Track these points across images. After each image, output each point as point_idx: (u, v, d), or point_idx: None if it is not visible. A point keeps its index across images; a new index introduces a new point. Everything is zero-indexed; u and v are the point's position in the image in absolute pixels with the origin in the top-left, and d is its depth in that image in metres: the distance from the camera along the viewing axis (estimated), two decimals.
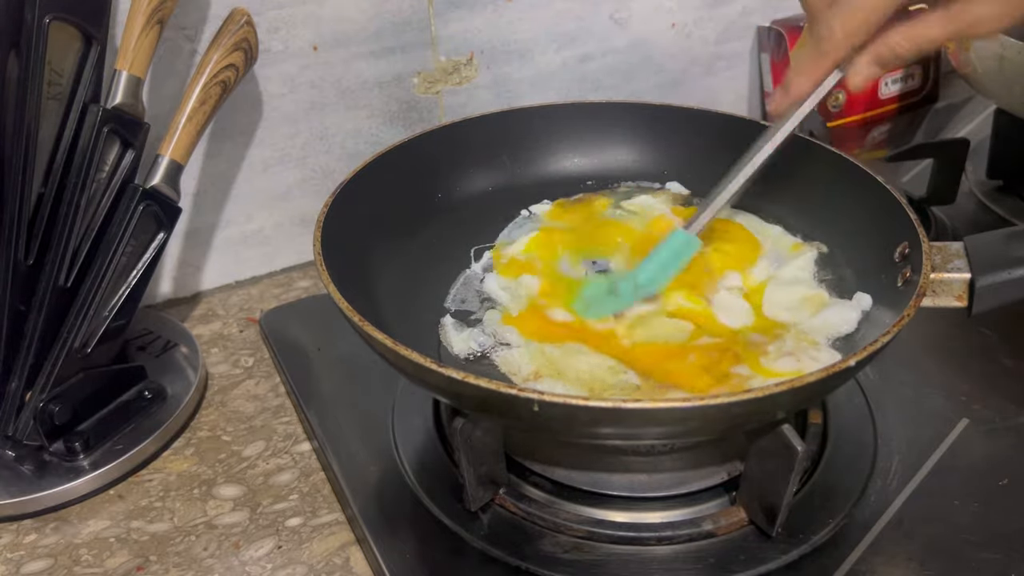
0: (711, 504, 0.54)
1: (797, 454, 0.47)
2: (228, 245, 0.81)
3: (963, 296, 0.53)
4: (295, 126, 0.79)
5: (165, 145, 0.64)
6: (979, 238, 0.54)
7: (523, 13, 0.85)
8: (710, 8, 0.95)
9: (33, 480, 0.60)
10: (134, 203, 0.62)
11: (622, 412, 0.43)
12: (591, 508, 0.54)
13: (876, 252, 0.58)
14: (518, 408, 0.44)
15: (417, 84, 0.83)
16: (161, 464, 0.63)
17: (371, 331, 0.48)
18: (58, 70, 0.60)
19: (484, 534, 0.53)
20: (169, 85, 0.72)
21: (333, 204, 0.59)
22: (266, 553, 0.56)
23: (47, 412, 0.59)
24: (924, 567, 0.51)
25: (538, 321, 0.60)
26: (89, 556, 0.56)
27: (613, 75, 0.92)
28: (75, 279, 0.61)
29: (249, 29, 0.67)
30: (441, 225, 0.68)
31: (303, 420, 0.65)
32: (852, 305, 0.58)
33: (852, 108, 1.01)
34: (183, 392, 0.67)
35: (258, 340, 0.75)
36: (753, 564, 0.51)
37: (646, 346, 0.57)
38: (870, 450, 0.58)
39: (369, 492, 0.57)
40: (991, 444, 0.59)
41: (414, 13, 0.80)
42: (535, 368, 0.56)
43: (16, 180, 0.59)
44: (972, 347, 0.67)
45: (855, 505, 0.54)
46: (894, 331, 0.46)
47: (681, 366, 0.55)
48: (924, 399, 0.63)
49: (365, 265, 0.60)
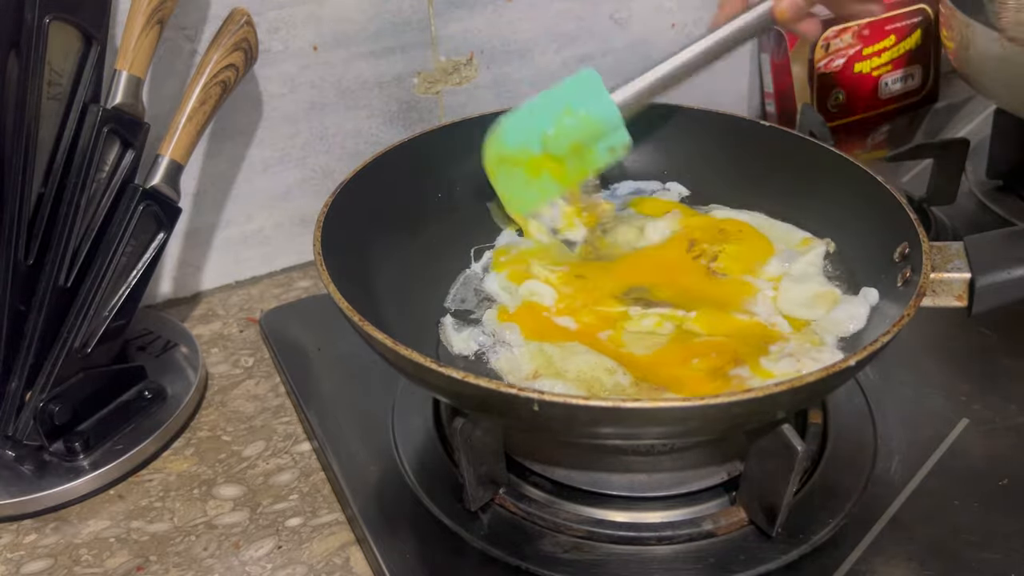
0: (711, 504, 0.54)
1: (797, 454, 0.47)
2: (228, 245, 0.81)
3: (963, 296, 0.53)
4: (295, 126, 0.79)
5: (165, 145, 0.64)
6: (979, 238, 0.54)
7: (523, 13, 0.85)
8: (710, 8, 0.94)
9: (33, 480, 0.60)
10: (134, 203, 0.62)
11: (622, 412, 0.43)
12: (591, 508, 0.54)
13: (876, 252, 0.58)
14: (518, 408, 0.44)
15: (417, 84, 0.83)
16: (161, 464, 0.63)
17: (371, 331, 0.48)
18: (58, 70, 0.59)
19: (484, 534, 0.53)
20: (169, 85, 0.72)
21: (333, 204, 0.59)
22: (266, 553, 0.56)
23: (47, 412, 0.59)
24: (924, 567, 0.51)
25: (537, 319, 0.60)
26: (89, 556, 0.56)
27: (613, 75, 0.92)
28: (75, 279, 0.61)
29: (249, 29, 0.67)
30: (441, 225, 0.68)
31: (303, 420, 0.65)
32: (859, 301, 0.58)
33: (852, 108, 1.01)
34: (183, 392, 0.67)
35: (258, 340, 0.75)
36: (753, 564, 0.51)
37: (646, 348, 0.57)
38: (870, 450, 0.58)
39: (369, 492, 0.57)
40: (991, 444, 0.59)
41: (414, 13, 0.80)
42: (535, 367, 0.56)
43: (16, 180, 0.59)
44: (972, 347, 0.67)
45: (855, 505, 0.54)
46: (894, 331, 0.46)
47: (683, 370, 0.55)
48: (924, 399, 0.63)
49: (365, 265, 0.60)
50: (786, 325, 0.58)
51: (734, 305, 0.60)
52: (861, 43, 0.98)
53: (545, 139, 0.64)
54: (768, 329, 0.58)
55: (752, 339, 0.57)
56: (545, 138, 0.64)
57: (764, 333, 0.57)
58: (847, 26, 0.96)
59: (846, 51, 0.98)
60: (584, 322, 0.60)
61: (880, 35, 0.99)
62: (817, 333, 0.57)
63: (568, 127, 0.63)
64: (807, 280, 0.61)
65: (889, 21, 0.99)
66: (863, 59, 0.99)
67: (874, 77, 1.00)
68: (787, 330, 0.58)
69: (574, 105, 0.64)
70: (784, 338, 0.57)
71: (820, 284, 0.61)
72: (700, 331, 0.58)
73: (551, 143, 0.64)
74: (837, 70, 0.98)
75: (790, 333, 0.57)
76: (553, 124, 0.64)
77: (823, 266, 0.63)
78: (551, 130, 0.64)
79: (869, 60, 0.99)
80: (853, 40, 0.97)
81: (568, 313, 0.60)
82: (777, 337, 0.57)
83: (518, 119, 0.65)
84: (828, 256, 0.63)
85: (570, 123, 0.63)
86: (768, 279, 0.62)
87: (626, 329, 0.59)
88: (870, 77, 1.00)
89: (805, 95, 0.98)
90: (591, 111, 0.64)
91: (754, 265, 0.63)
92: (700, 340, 0.57)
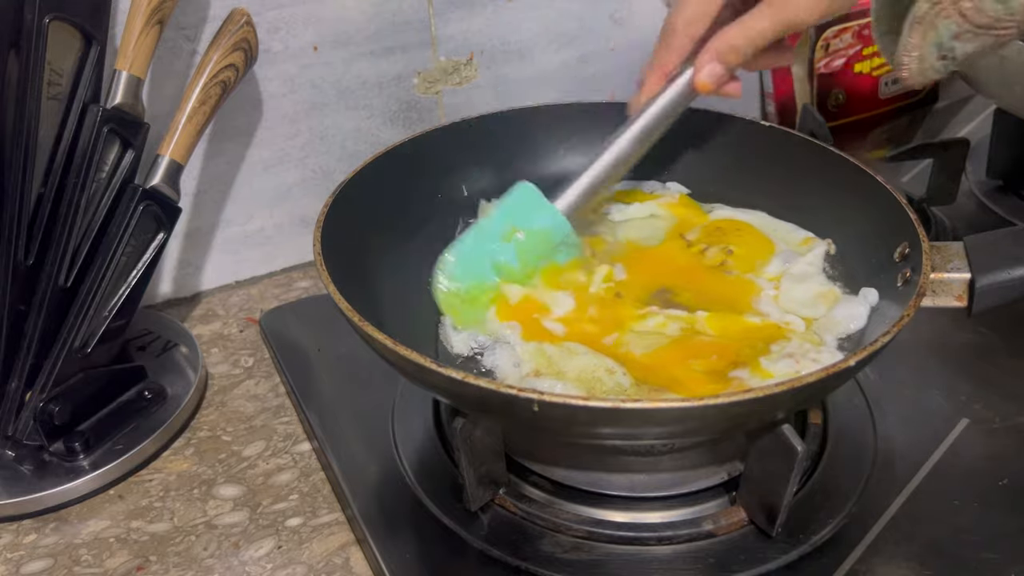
0: (711, 504, 0.54)
1: (797, 454, 0.47)
2: (228, 245, 0.81)
3: (963, 296, 0.53)
4: (295, 126, 0.79)
5: (165, 145, 0.64)
6: (979, 238, 0.54)
7: (523, 13, 0.85)
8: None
9: (33, 480, 0.60)
10: (134, 203, 0.62)
11: (622, 412, 0.43)
12: (591, 508, 0.54)
13: (876, 252, 0.58)
14: (518, 408, 0.44)
15: (417, 84, 0.83)
16: (161, 464, 0.63)
17: (371, 331, 0.48)
18: (58, 70, 0.59)
19: (484, 534, 0.53)
20: (169, 85, 0.72)
21: (333, 204, 0.59)
22: (266, 553, 0.56)
23: (47, 412, 0.59)
24: (924, 567, 0.51)
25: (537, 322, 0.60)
26: (89, 556, 0.56)
27: (613, 75, 0.92)
28: (75, 279, 0.61)
29: (249, 29, 0.67)
30: (441, 225, 0.68)
31: (303, 420, 0.65)
32: (859, 301, 0.58)
33: (852, 108, 1.01)
34: (183, 392, 0.67)
35: (258, 340, 0.75)
36: (753, 564, 0.51)
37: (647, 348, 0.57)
38: (870, 450, 0.58)
39: (369, 492, 0.57)
40: (991, 444, 0.59)
41: (414, 13, 0.80)
42: (535, 367, 0.56)
43: (16, 180, 0.59)
44: (972, 347, 0.67)
45: (855, 505, 0.54)
46: (894, 331, 0.46)
47: (683, 371, 0.55)
48: (924, 399, 0.63)
49: (365, 265, 0.60)
50: (800, 323, 0.58)
51: (744, 306, 0.60)
52: (861, 43, 0.98)
53: (498, 266, 0.61)
54: (780, 328, 0.57)
55: (758, 340, 0.56)
56: (498, 265, 0.61)
57: (773, 333, 0.57)
58: (847, 26, 0.96)
59: (846, 51, 0.98)
60: (588, 330, 0.59)
61: None
62: (817, 333, 0.57)
63: (520, 247, 0.61)
64: (807, 280, 0.61)
65: None
66: (863, 59, 0.99)
67: (874, 77, 1.00)
68: (801, 328, 0.57)
69: (519, 223, 0.62)
70: (787, 337, 0.57)
71: (820, 284, 0.61)
72: (710, 332, 0.58)
73: (505, 269, 0.62)
74: (837, 70, 0.98)
75: (802, 331, 0.57)
76: (502, 250, 0.61)
77: (823, 267, 0.63)
78: (502, 256, 0.61)
79: (869, 60, 0.99)
80: (853, 40, 0.97)
81: (575, 323, 0.60)
82: (788, 334, 0.57)
83: (464, 254, 0.62)
84: (828, 257, 0.63)
85: (521, 241, 0.61)
86: (769, 278, 0.62)
87: (632, 329, 0.59)
88: (870, 77, 1.00)
89: (805, 95, 0.98)
90: (538, 225, 0.62)
91: (757, 263, 0.63)
92: (702, 340, 0.57)
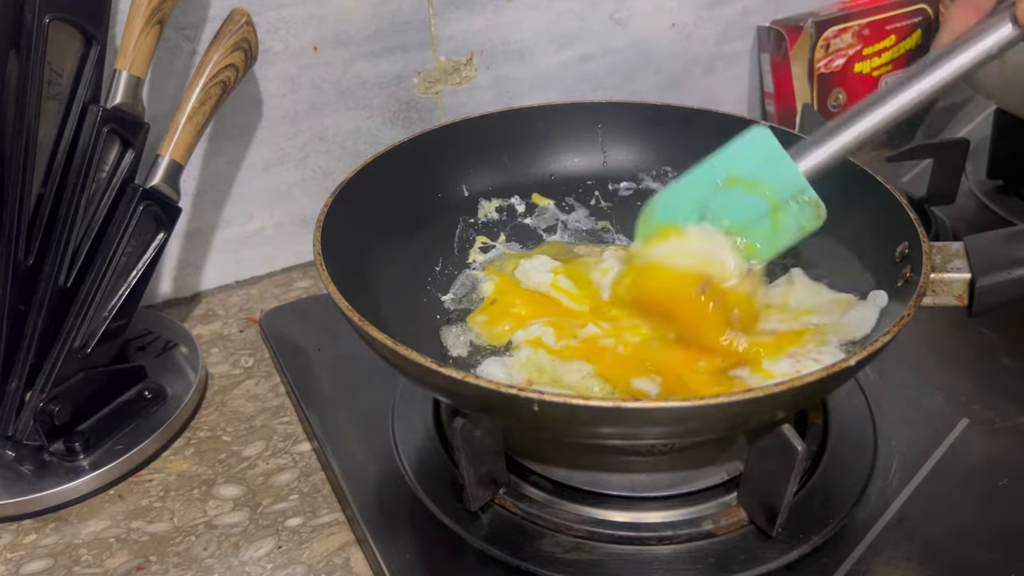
0: (711, 504, 0.54)
1: (797, 454, 0.47)
2: (228, 245, 0.81)
3: (963, 296, 0.53)
4: (295, 126, 0.79)
5: (165, 145, 0.64)
6: (979, 238, 0.54)
7: (523, 13, 0.85)
8: (710, 8, 0.95)
9: (33, 480, 0.59)
10: (134, 203, 0.62)
11: (622, 412, 0.43)
12: (591, 508, 0.54)
13: (876, 252, 0.58)
14: (518, 408, 0.44)
15: (417, 84, 0.83)
16: (161, 464, 0.63)
17: (371, 331, 0.48)
18: (58, 70, 0.59)
19: (484, 534, 0.53)
20: (169, 85, 0.72)
21: (333, 204, 0.59)
22: (266, 553, 0.56)
23: (47, 412, 0.59)
24: (924, 567, 0.51)
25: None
26: (89, 556, 0.56)
27: (613, 75, 0.92)
28: (75, 279, 0.61)
29: (249, 29, 0.67)
30: (441, 225, 0.68)
31: (303, 420, 0.65)
32: (868, 304, 0.57)
33: None
34: (183, 392, 0.67)
35: (258, 340, 0.75)
36: (753, 564, 0.51)
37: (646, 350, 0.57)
38: (870, 450, 0.58)
39: (369, 492, 0.57)
40: (991, 444, 0.59)
41: (414, 13, 0.80)
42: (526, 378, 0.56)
43: (16, 180, 0.59)
44: (972, 347, 0.67)
45: (855, 505, 0.54)
46: (894, 331, 0.46)
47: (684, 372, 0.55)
48: (924, 399, 0.63)
49: (365, 265, 0.60)
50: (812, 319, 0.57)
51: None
52: (861, 43, 0.98)
53: (706, 213, 0.56)
54: (797, 333, 0.57)
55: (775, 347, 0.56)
56: (706, 212, 0.55)
57: (792, 339, 0.57)
58: (847, 26, 0.96)
59: (846, 51, 0.98)
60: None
61: (880, 35, 0.99)
62: (823, 334, 0.57)
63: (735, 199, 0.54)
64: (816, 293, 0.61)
65: (889, 21, 0.99)
66: (863, 59, 0.99)
67: (874, 77, 1.00)
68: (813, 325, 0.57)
69: (743, 172, 0.54)
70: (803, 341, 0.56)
71: (831, 292, 0.60)
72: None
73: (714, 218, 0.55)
74: (837, 70, 0.98)
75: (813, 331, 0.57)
76: (716, 197, 0.55)
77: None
78: (714, 204, 0.55)
79: (869, 60, 0.99)
80: (853, 40, 0.97)
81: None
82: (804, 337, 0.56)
83: (674, 191, 0.57)
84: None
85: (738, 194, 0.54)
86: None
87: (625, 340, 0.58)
88: (870, 77, 1.00)
89: (805, 95, 0.98)
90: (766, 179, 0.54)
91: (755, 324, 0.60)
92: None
